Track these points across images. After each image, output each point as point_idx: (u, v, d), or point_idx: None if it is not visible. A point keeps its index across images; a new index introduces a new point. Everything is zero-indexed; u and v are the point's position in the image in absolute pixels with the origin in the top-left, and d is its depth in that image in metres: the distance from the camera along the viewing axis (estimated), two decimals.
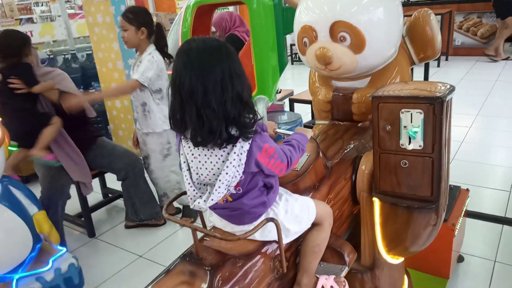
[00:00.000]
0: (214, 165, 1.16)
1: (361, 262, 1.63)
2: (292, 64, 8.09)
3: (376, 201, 1.56)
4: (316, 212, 1.38)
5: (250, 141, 1.14)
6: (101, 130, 2.97)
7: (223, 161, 1.15)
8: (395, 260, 1.66)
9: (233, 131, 1.12)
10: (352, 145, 1.77)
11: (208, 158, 1.17)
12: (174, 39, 3.08)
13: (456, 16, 7.43)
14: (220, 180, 1.14)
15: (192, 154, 1.19)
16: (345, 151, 1.71)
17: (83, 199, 2.81)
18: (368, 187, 1.58)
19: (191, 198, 1.23)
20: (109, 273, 2.51)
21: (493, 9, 6.83)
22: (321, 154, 1.55)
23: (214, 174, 1.17)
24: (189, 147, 1.20)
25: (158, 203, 2.93)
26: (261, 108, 2.85)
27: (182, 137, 1.21)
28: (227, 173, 1.14)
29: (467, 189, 2.27)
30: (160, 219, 2.91)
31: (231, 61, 1.13)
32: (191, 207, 1.23)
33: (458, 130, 4.08)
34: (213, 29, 3.73)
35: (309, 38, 1.74)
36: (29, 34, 5.21)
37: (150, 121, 2.64)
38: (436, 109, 1.36)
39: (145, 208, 2.87)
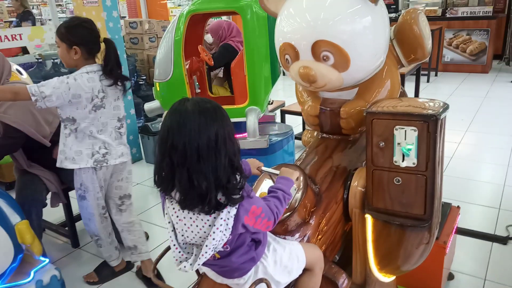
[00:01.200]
0: (200, 229, 1.14)
1: (353, 280, 1.61)
2: (284, 75, 8.11)
3: (369, 218, 1.54)
4: (306, 258, 1.36)
5: (237, 206, 1.12)
6: None
7: (209, 225, 1.12)
8: (387, 278, 1.64)
9: (221, 197, 1.09)
10: (342, 163, 1.74)
11: (194, 222, 1.14)
12: (167, 47, 3.04)
13: (446, 33, 7.55)
14: (206, 246, 1.12)
15: (177, 216, 1.16)
16: (335, 172, 1.68)
17: (67, 208, 2.74)
18: (361, 204, 1.56)
19: (176, 260, 1.19)
20: (93, 285, 2.45)
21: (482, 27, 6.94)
22: (309, 184, 1.53)
23: (200, 237, 1.15)
24: (173, 208, 1.17)
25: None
26: (252, 119, 2.82)
27: (166, 197, 1.18)
28: (213, 239, 1.11)
29: (458, 206, 2.26)
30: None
31: (225, 124, 1.10)
32: (177, 268, 1.20)
33: (447, 146, 4.06)
34: (206, 36, 3.71)
35: (291, 56, 1.63)
36: (18, 37, 5.15)
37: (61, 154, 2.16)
38: (430, 126, 1.35)
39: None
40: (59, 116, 2.08)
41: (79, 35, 2.04)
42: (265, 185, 1.54)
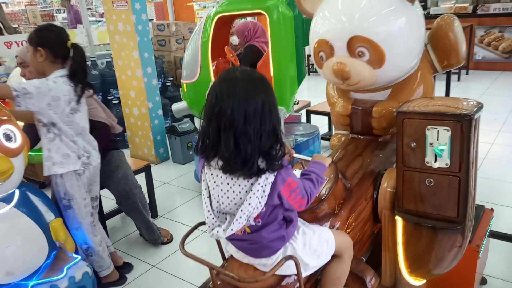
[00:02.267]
0: (237, 195, 1.15)
1: (382, 283, 1.59)
2: (309, 75, 8.05)
3: (399, 220, 1.51)
4: (336, 244, 1.35)
5: (275, 173, 1.14)
6: (117, 142, 2.82)
7: (246, 191, 1.14)
8: (418, 281, 1.60)
9: (261, 163, 1.13)
10: (372, 162, 1.72)
11: (231, 187, 1.16)
12: (194, 49, 3.08)
13: (477, 30, 7.33)
14: (241, 210, 1.13)
15: (215, 182, 1.19)
16: (366, 169, 1.67)
17: (98, 207, 2.80)
18: (391, 205, 1.54)
19: (209, 226, 1.21)
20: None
21: None
22: (340, 176, 1.51)
23: (235, 204, 1.16)
24: (211, 174, 1.19)
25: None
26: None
27: (205, 164, 1.20)
28: (249, 204, 1.13)
29: (492, 209, 2.19)
30: (158, 244, 2.79)
31: (271, 93, 1.16)
32: (209, 236, 1.21)
33: (480, 147, 3.96)
34: (232, 38, 3.73)
35: (326, 53, 1.67)
36: None
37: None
38: (464, 126, 1.31)
39: (144, 233, 2.82)
40: (40, 121, 2.01)
41: (44, 37, 2.02)
42: (297, 174, 1.54)
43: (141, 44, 3.94)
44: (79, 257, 2.05)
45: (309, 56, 7.93)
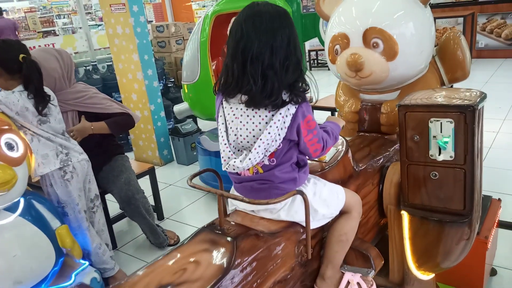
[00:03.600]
0: (256, 126, 1.16)
1: (390, 279, 1.58)
2: (311, 70, 8.04)
3: (405, 215, 1.50)
4: (346, 199, 1.34)
5: (297, 106, 1.16)
6: (121, 147, 2.82)
7: (266, 122, 1.15)
8: (426, 276, 1.59)
9: (284, 96, 1.14)
10: (379, 153, 1.71)
11: (250, 119, 1.17)
12: (193, 49, 3.07)
13: (478, 18, 7.25)
14: (261, 139, 1.14)
15: (234, 115, 1.19)
16: (373, 158, 1.66)
17: (104, 211, 2.81)
18: (396, 200, 1.52)
19: (224, 160, 1.21)
20: None
21: None
22: (349, 153, 1.51)
23: (254, 136, 1.17)
24: (231, 107, 1.20)
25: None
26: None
27: (223, 100, 1.21)
28: (269, 133, 1.14)
29: (499, 199, 2.17)
30: (165, 247, 2.79)
31: (294, 27, 1.18)
32: (224, 168, 1.22)
33: (485, 136, 3.92)
34: None
35: (341, 45, 1.74)
36: (51, 46, 5.33)
37: None
38: (467, 117, 1.30)
39: (150, 237, 2.82)
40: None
41: None
42: None
43: (140, 46, 3.93)
44: (87, 262, 2.05)
45: (310, 51, 7.91)
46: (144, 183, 2.78)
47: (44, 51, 2.45)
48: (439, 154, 1.36)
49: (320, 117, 4.22)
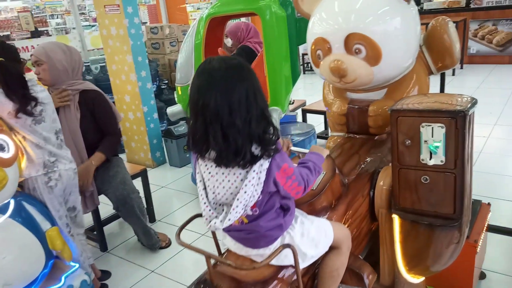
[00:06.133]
0: (232, 184, 1.14)
1: (380, 282, 1.58)
2: (304, 73, 8.06)
3: (396, 218, 1.51)
4: (334, 235, 1.34)
5: (270, 160, 1.12)
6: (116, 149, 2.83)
7: (241, 180, 1.12)
8: (416, 279, 1.60)
9: (255, 150, 1.10)
10: (369, 160, 1.72)
11: (226, 177, 1.15)
12: (187, 51, 3.07)
13: (470, 24, 7.34)
14: (238, 199, 1.12)
15: (209, 173, 1.17)
16: (362, 166, 1.67)
17: (95, 213, 2.80)
18: (387, 204, 1.53)
19: (206, 219, 1.20)
20: None
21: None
22: (337, 171, 1.51)
23: (231, 193, 1.15)
24: (206, 165, 1.18)
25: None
26: (274, 120, 2.81)
27: (198, 156, 1.18)
28: (245, 192, 1.11)
29: (489, 203, 2.19)
30: (156, 249, 2.79)
31: (253, 78, 1.11)
32: (207, 227, 1.20)
33: (475, 141, 3.97)
34: (226, 40, 3.72)
35: (323, 51, 1.69)
36: None
37: None
38: (458, 123, 1.31)
39: (142, 239, 2.81)
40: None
41: None
42: None
43: (134, 48, 3.92)
44: (77, 265, 2.03)
45: (303, 55, 7.94)
46: (136, 185, 2.77)
47: (54, 44, 2.51)
48: (430, 159, 1.37)
49: (315, 120, 4.25)
